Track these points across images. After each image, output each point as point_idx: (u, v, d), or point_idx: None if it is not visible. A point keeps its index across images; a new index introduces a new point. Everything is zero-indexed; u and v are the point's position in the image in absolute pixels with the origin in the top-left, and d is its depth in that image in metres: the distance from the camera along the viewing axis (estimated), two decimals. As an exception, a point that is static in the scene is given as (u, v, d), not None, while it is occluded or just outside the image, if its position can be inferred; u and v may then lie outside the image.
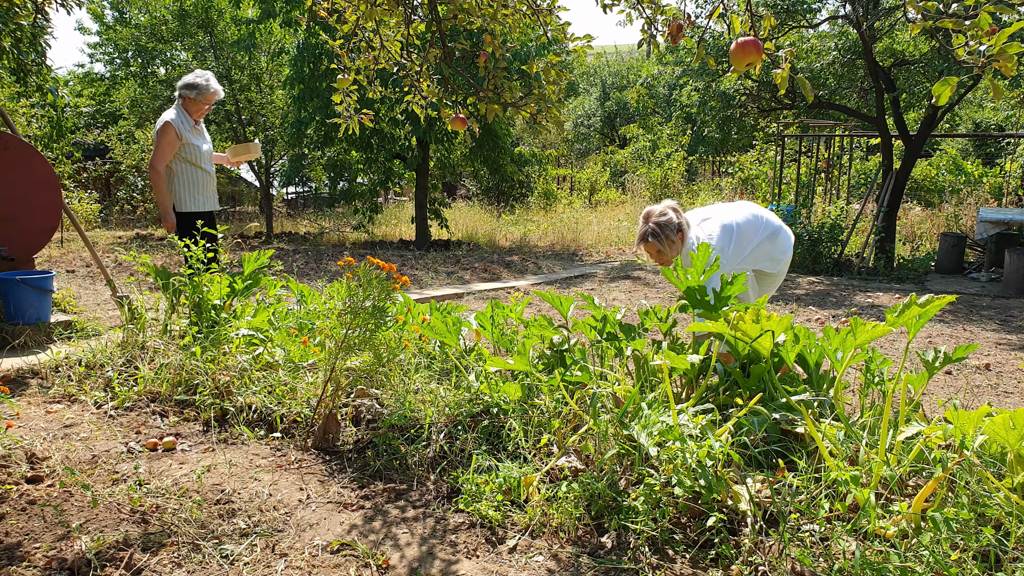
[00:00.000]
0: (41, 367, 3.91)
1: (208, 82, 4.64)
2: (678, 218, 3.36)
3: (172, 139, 4.55)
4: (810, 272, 9.72)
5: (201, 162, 4.70)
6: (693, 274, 2.95)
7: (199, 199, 4.75)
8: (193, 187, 4.71)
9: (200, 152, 4.69)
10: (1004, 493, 2.03)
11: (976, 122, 19.46)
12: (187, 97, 4.63)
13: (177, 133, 4.56)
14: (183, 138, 4.58)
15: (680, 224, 3.35)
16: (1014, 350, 5.34)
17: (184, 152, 4.63)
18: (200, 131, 4.77)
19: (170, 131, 4.54)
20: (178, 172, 4.67)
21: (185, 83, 4.64)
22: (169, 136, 4.54)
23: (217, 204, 4.91)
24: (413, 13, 3.08)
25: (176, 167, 4.66)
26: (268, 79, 14.80)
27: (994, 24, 1.87)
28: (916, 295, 2.36)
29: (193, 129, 4.68)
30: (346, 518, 2.38)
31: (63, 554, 2.09)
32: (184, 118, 4.63)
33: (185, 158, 4.64)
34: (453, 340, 3.39)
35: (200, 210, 4.77)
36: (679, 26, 2.41)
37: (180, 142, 4.59)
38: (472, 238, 14.01)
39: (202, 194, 4.76)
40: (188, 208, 4.71)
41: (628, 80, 27.49)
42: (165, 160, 4.58)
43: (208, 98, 4.65)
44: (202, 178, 4.74)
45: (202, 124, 4.82)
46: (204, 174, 4.75)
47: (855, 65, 10.99)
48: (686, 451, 2.21)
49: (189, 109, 4.65)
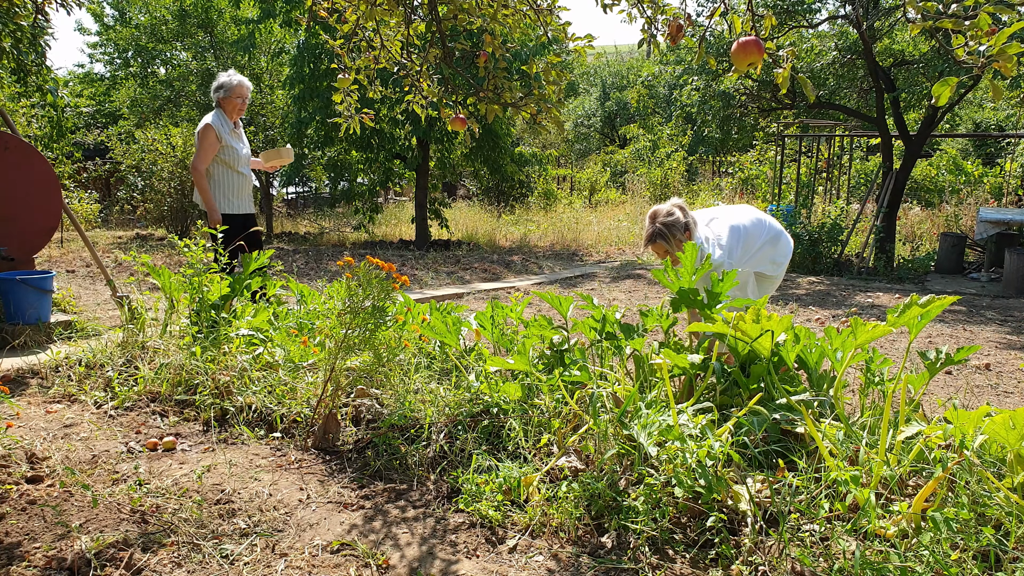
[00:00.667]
0: (41, 367, 3.91)
1: (231, 77, 4.73)
2: (685, 217, 3.36)
3: (212, 141, 4.63)
4: (810, 272, 9.72)
5: (238, 165, 4.77)
6: (685, 275, 2.95)
7: (234, 202, 4.82)
8: (228, 189, 4.78)
9: (237, 155, 4.76)
10: (1004, 493, 2.03)
11: (976, 122, 19.46)
12: (220, 99, 4.73)
13: (217, 135, 4.64)
14: (222, 140, 4.66)
15: (687, 223, 3.34)
16: (1014, 350, 5.34)
17: (222, 154, 4.71)
18: (239, 134, 4.85)
19: (210, 133, 4.62)
20: (214, 174, 4.76)
21: (215, 86, 4.75)
22: (210, 138, 4.62)
23: (252, 207, 4.97)
24: (413, 13, 3.08)
25: (213, 169, 4.75)
26: (268, 79, 14.81)
27: (993, 24, 1.87)
28: (917, 295, 2.36)
29: (232, 132, 4.76)
30: (346, 518, 2.38)
31: (63, 554, 2.09)
32: (223, 120, 4.71)
33: (222, 160, 4.72)
34: (453, 340, 3.39)
35: (234, 212, 4.83)
36: (679, 26, 2.41)
37: (220, 144, 4.67)
38: (472, 238, 14.00)
39: (237, 196, 4.83)
40: (222, 210, 4.78)
41: (628, 80, 27.50)
42: (206, 161, 4.66)
43: (236, 92, 4.71)
44: (237, 181, 4.81)
45: (241, 128, 4.91)
46: (240, 177, 4.82)
47: (855, 65, 10.99)
48: (686, 451, 2.21)
49: (226, 110, 4.74)
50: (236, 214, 4.83)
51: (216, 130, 4.63)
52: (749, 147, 16.75)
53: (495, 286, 8.40)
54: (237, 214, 4.84)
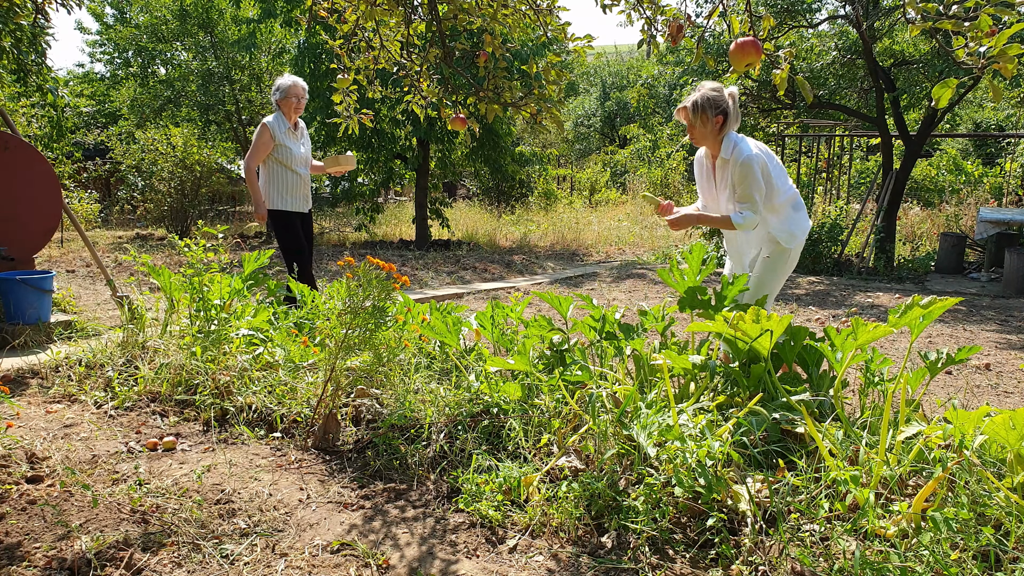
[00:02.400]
0: (41, 367, 3.92)
1: (286, 79, 4.85)
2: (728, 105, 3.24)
3: (266, 140, 4.76)
4: (810, 272, 9.72)
5: (293, 164, 4.86)
6: (690, 275, 2.95)
7: (287, 199, 4.91)
8: (282, 187, 4.89)
9: (292, 155, 4.85)
10: (1004, 493, 2.03)
11: (976, 122, 19.45)
12: (277, 100, 4.84)
13: (272, 134, 4.76)
14: (276, 139, 4.78)
15: (726, 110, 3.23)
16: (1014, 350, 5.34)
17: (276, 153, 4.82)
18: (297, 135, 4.93)
19: (265, 132, 4.76)
20: (269, 172, 4.88)
21: (273, 88, 4.89)
22: (264, 137, 4.76)
23: (306, 207, 5.04)
24: (413, 13, 3.08)
25: (268, 167, 4.87)
26: (268, 79, 14.80)
27: (994, 25, 1.87)
28: (918, 296, 2.36)
29: (289, 132, 4.85)
30: (346, 518, 2.38)
31: (63, 554, 2.09)
32: (281, 121, 4.83)
33: (277, 158, 4.83)
34: (453, 340, 3.39)
35: (287, 209, 4.93)
36: (679, 26, 2.41)
37: (274, 143, 4.78)
38: (472, 238, 14.00)
39: (291, 195, 4.92)
40: (275, 206, 4.90)
41: (628, 80, 27.49)
42: (257, 159, 4.80)
43: (291, 92, 4.80)
44: (291, 179, 4.90)
45: (302, 129, 4.99)
46: (294, 176, 4.90)
47: (855, 65, 10.99)
48: (686, 451, 2.21)
49: (284, 111, 4.84)
50: (288, 211, 4.93)
51: (272, 130, 4.76)
52: (749, 147, 16.71)
53: (495, 286, 8.40)
54: (291, 211, 4.94)
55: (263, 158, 4.83)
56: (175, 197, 12.83)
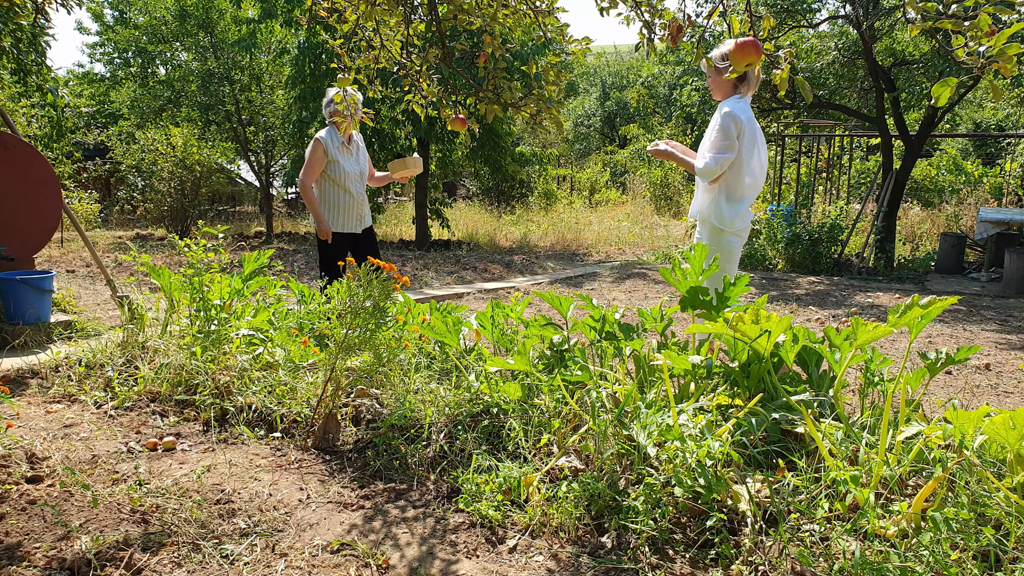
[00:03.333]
0: (41, 367, 3.92)
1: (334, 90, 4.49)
2: None
3: (320, 155, 4.51)
4: (810, 272, 9.72)
5: (345, 182, 4.59)
6: (692, 274, 2.95)
7: (339, 220, 4.64)
8: (334, 207, 4.63)
9: (344, 172, 4.58)
10: (1004, 493, 2.03)
11: (976, 122, 19.45)
12: (329, 114, 4.54)
13: (325, 150, 4.51)
14: (329, 155, 4.53)
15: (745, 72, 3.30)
16: (1014, 350, 5.34)
17: (329, 170, 4.57)
18: (351, 151, 4.65)
19: (318, 148, 4.51)
20: (321, 191, 4.63)
21: (324, 101, 4.60)
22: (317, 152, 4.51)
23: (361, 227, 4.75)
24: (413, 13, 3.08)
25: (321, 185, 4.62)
26: (268, 79, 14.80)
27: (993, 25, 1.87)
28: (917, 295, 2.36)
29: (342, 147, 4.58)
30: (346, 518, 2.39)
31: (63, 554, 2.09)
32: (334, 136, 4.56)
33: (329, 176, 4.58)
34: (453, 340, 3.39)
35: (340, 231, 4.66)
36: (679, 27, 2.41)
37: (327, 159, 4.54)
38: (472, 238, 14.00)
39: (343, 215, 4.64)
40: None
41: (628, 80, 27.51)
42: (312, 175, 4.56)
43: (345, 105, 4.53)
44: (344, 199, 4.62)
45: (357, 142, 4.70)
46: (347, 195, 4.62)
47: (855, 65, 10.99)
48: (686, 451, 2.21)
49: (337, 124, 4.53)
50: (340, 233, 4.66)
51: (324, 145, 4.50)
52: (749, 147, 16.71)
53: (495, 286, 8.40)
54: (342, 233, 4.66)
55: (318, 174, 4.56)
56: (175, 197, 12.83)
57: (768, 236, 10.22)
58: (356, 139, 4.69)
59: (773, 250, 10.14)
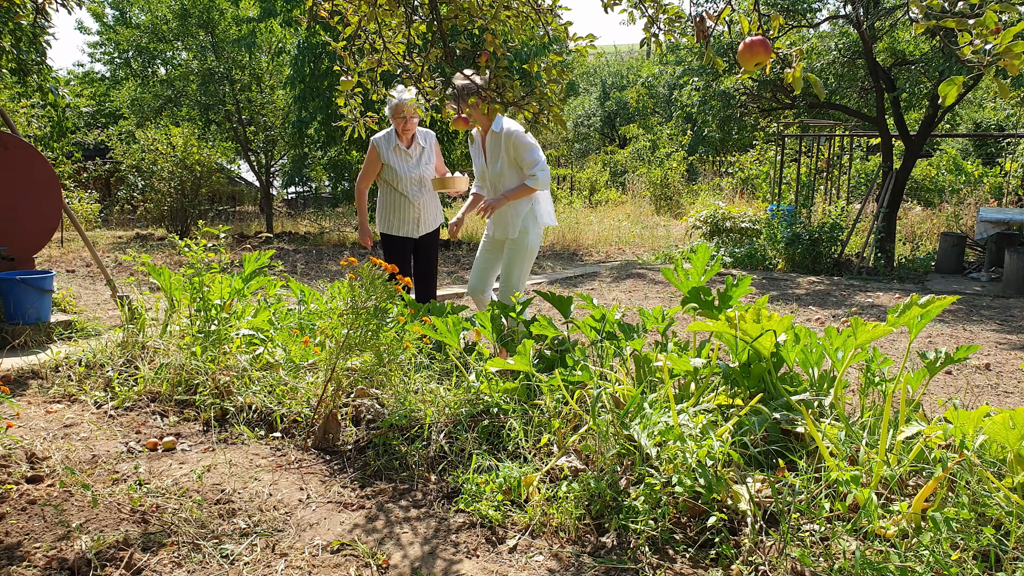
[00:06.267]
0: (41, 367, 3.91)
1: (393, 95, 4.39)
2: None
3: (373, 158, 4.50)
4: (810, 272, 9.72)
5: (399, 186, 4.52)
6: (694, 274, 2.95)
7: (393, 223, 4.59)
8: (389, 209, 4.59)
9: (397, 175, 4.50)
10: (1004, 493, 2.03)
11: (976, 122, 19.45)
12: (391, 119, 4.49)
13: (378, 153, 4.48)
14: (383, 158, 4.49)
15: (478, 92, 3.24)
16: (1014, 350, 5.34)
17: (384, 173, 4.55)
18: (409, 155, 4.54)
19: (372, 151, 4.50)
20: (380, 192, 4.65)
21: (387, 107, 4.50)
22: (371, 155, 4.51)
23: (419, 232, 4.64)
24: (414, 13, 3.08)
25: (380, 185, 4.63)
26: (269, 79, 14.80)
27: (999, 23, 1.86)
28: (917, 295, 2.36)
29: (396, 150, 4.50)
30: (346, 518, 2.38)
31: (63, 554, 2.09)
32: (391, 138, 4.50)
33: (384, 178, 4.57)
34: (453, 340, 3.39)
35: (394, 234, 4.61)
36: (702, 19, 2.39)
37: (381, 162, 4.51)
38: (472, 238, 14.00)
39: (397, 218, 4.58)
40: (382, 229, 4.64)
41: (628, 80, 27.51)
42: (367, 178, 4.57)
43: (396, 110, 4.39)
44: (398, 202, 4.56)
45: (420, 147, 4.58)
46: (401, 198, 4.55)
47: (855, 65, 10.99)
48: (686, 451, 2.21)
49: (397, 129, 4.49)
50: (395, 235, 4.61)
51: (378, 148, 4.47)
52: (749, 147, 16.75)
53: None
54: (396, 236, 4.60)
55: (372, 178, 4.55)
56: (175, 197, 12.82)
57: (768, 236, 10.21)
58: (423, 142, 4.58)
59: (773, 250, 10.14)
